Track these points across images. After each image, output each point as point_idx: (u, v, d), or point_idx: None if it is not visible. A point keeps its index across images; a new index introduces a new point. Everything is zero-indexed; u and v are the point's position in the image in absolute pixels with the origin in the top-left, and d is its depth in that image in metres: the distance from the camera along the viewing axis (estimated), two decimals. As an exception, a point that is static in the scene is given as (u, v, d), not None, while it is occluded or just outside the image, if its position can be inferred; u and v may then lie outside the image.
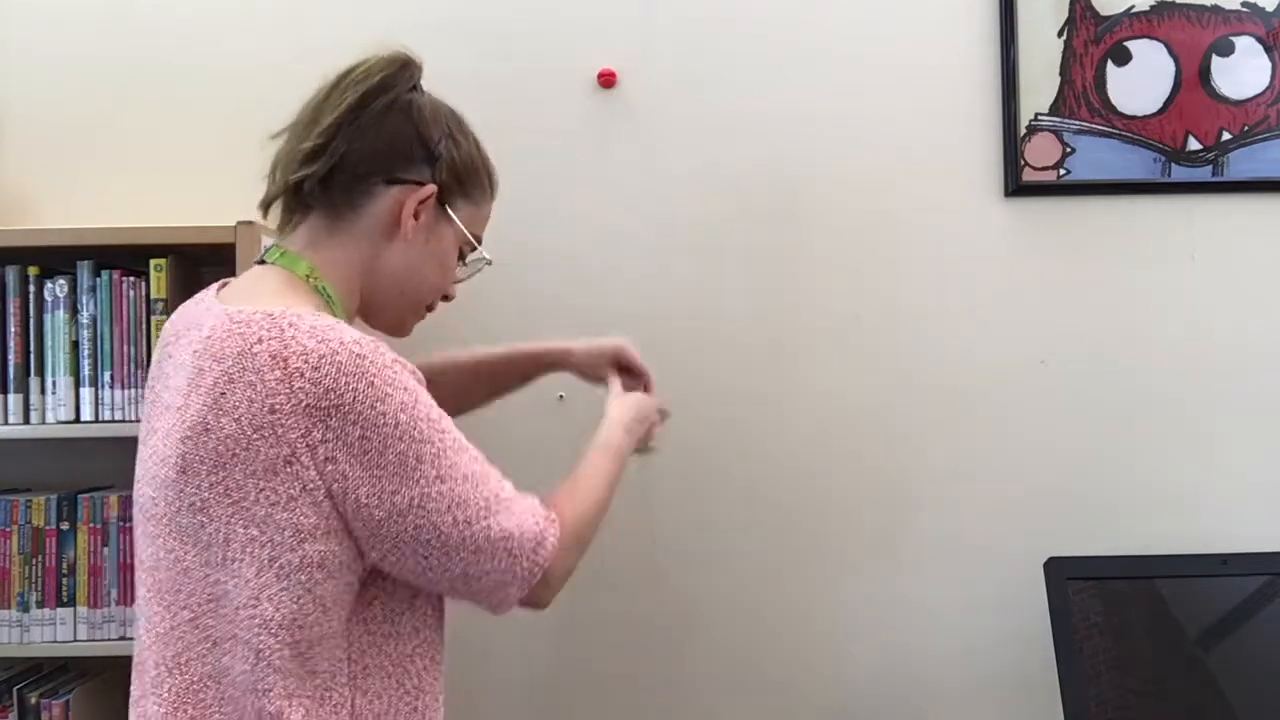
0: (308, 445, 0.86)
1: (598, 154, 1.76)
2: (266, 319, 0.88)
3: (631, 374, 1.34)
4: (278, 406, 0.85)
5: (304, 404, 0.85)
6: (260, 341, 0.87)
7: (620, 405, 1.21)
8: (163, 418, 0.93)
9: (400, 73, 1.04)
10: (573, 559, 1.02)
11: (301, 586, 0.87)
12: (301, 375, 0.86)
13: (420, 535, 0.89)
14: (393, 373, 0.89)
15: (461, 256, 1.10)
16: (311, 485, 0.86)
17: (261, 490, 0.86)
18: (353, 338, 0.89)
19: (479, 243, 1.10)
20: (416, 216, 1.02)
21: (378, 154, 1.01)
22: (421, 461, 0.89)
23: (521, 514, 0.95)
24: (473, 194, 1.08)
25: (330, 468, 0.86)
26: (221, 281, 1.06)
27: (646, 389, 1.34)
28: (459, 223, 1.06)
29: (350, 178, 1.00)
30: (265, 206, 1.05)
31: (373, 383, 0.87)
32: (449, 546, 0.90)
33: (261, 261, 1.03)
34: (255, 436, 0.86)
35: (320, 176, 1.00)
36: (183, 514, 0.89)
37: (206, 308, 0.98)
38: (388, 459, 0.87)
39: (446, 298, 1.12)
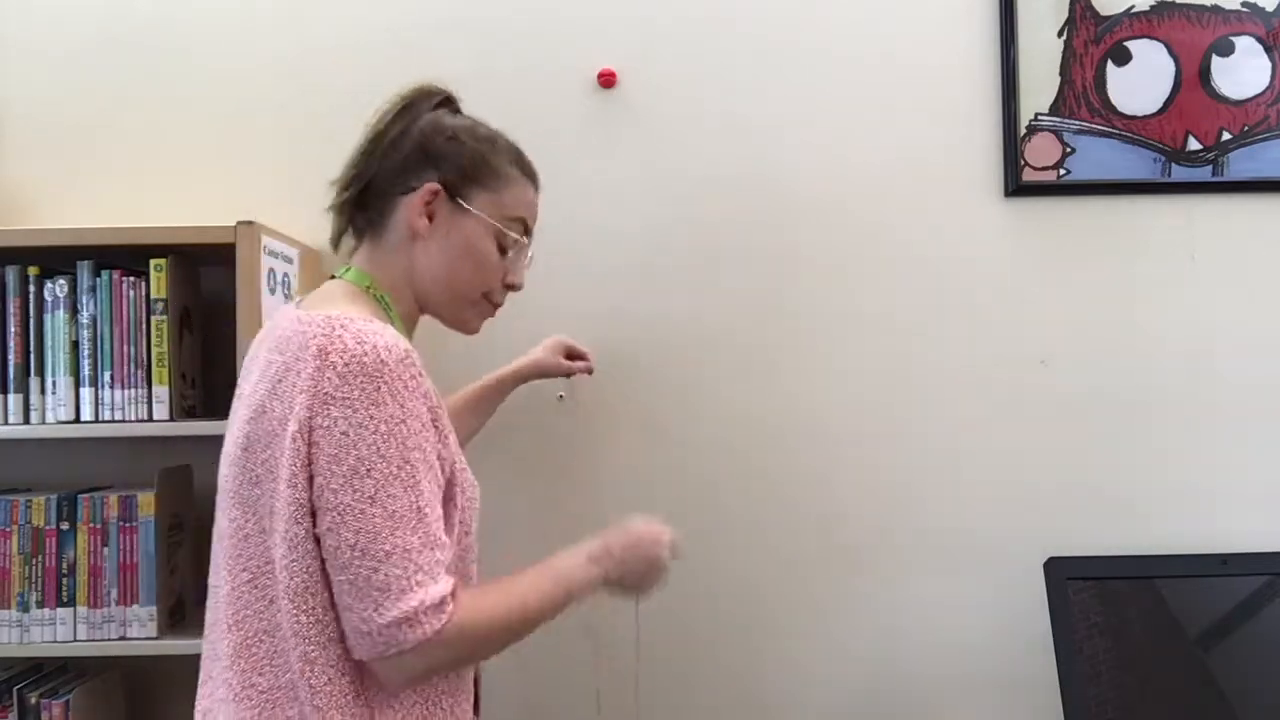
0: (310, 425, 0.95)
1: (598, 154, 1.76)
2: (325, 320, 0.99)
3: (578, 354, 1.64)
4: (304, 388, 0.95)
5: (323, 391, 0.95)
6: (315, 338, 0.97)
7: (612, 534, 1.17)
8: (241, 408, 1.05)
9: (419, 98, 1.16)
10: (445, 661, 1.00)
11: (310, 556, 0.96)
12: (333, 368, 0.95)
13: (327, 540, 0.96)
14: (404, 386, 0.97)
15: (505, 249, 1.17)
16: (304, 463, 0.96)
17: (296, 468, 0.96)
18: (388, 344, 0.97)
19: (512, 229, 1.17)
20: (430, 217, 1.12)
21: (393, 171, 1.13)
22: (369, 475, 0.95)
23: (415, 587, 0.94)
24: (488, 183, 1.15)
25: (314, 452, 0.95)
26: (303, 294, 1.21)
27: (589, 371, 1.64)
28: (478, 213, 1.14)
29: (375, 197, 1.13)
30: (335, 242, 1.18)
31: (379, 387, 0.96)
32: (340, 564, 0.95)
33: (333, 277, 1.15)
34: (289, 418, 0.96)
35: (353, 201, 1.14)
36: (244, 487, 1.00)
37: (284, 314, 1.09)
38: (348, 459, 0.95)
39: (512, 287, 1.19)
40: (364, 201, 1.14)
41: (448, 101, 1.19)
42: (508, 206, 1.16)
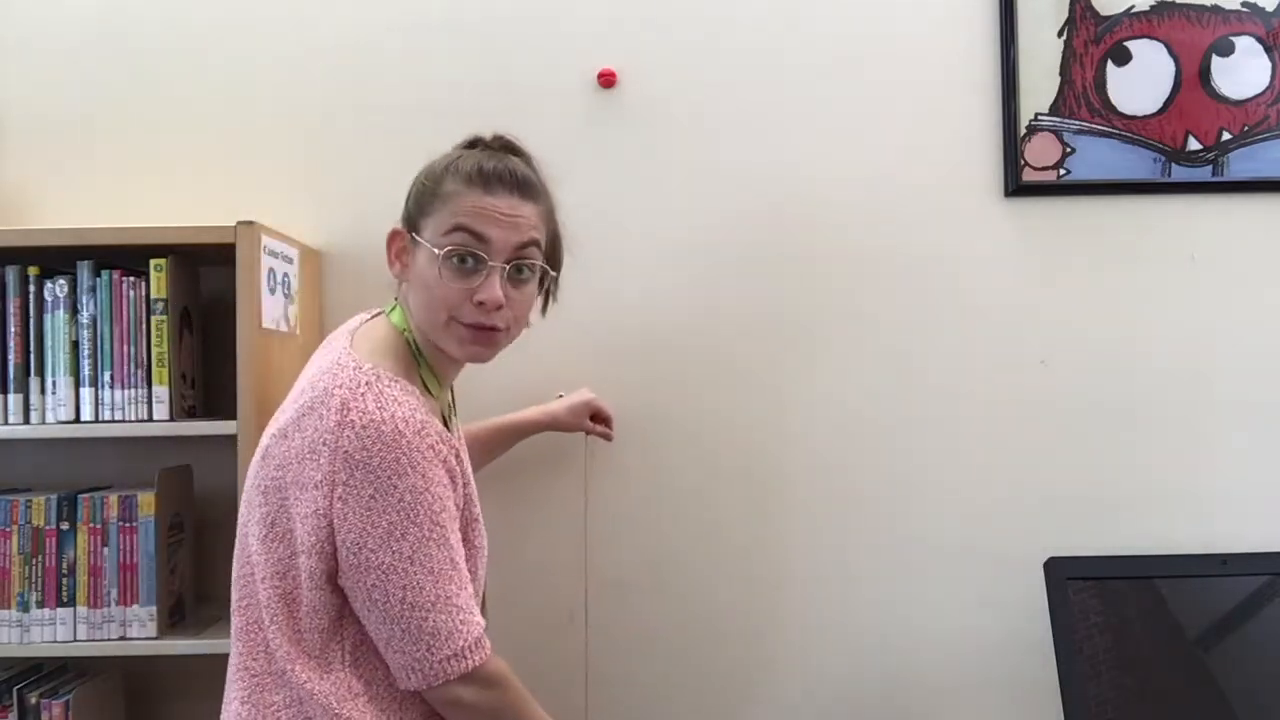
0: (331, 482, 1.04)
1: (598, 154, 1.76)
2: (356, 371, 1.08)
3: (603, 419, 1.68)
4: (327, 442, 1.04)
5: (343, 450, 1.03)
6: (341, 387, 1.06)
7: None
8: (281, 410, 1.14)
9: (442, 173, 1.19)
10: (479, 696, 1.09)
11: (319, 597, 1.07)
12: (352, 427, 1.03)
13: (372, 594, 1.05)
14: (422, 457, 1.05)
15: (464, 267, 1.15)
16: (323, 510, 1.05)
17: (296, 498, 1.06)
18: (406, 415, 1.05)
19: (450, 240, 1.14)
20: (400, 259, 1.20)
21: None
22: (405, 538, 1.04)
23: (460, 626, 1.07)
24: (431, 210, 1.16)
25: (339, 505, 1.04)
26: (375, 311, 1.25)
27: (609, 438, 1.68)
28: (423, 242, 1.16)
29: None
30: None
31: (399, 459, 1.04)
32: (389, 615, 1.05)
33: (388, 311, 1.23)
34: (306, 456, 1.05)
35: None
36: (254, 492, 1.10)
37: (337, 340, 1.18)
38: (381, 523, 1.04)
39: (481, 304, 1.14)
40: None
41: (474, 144, 1.23)
42: (444, 222, 1.14)
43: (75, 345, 1.54)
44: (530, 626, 1.73)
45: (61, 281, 1.54)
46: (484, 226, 1.13)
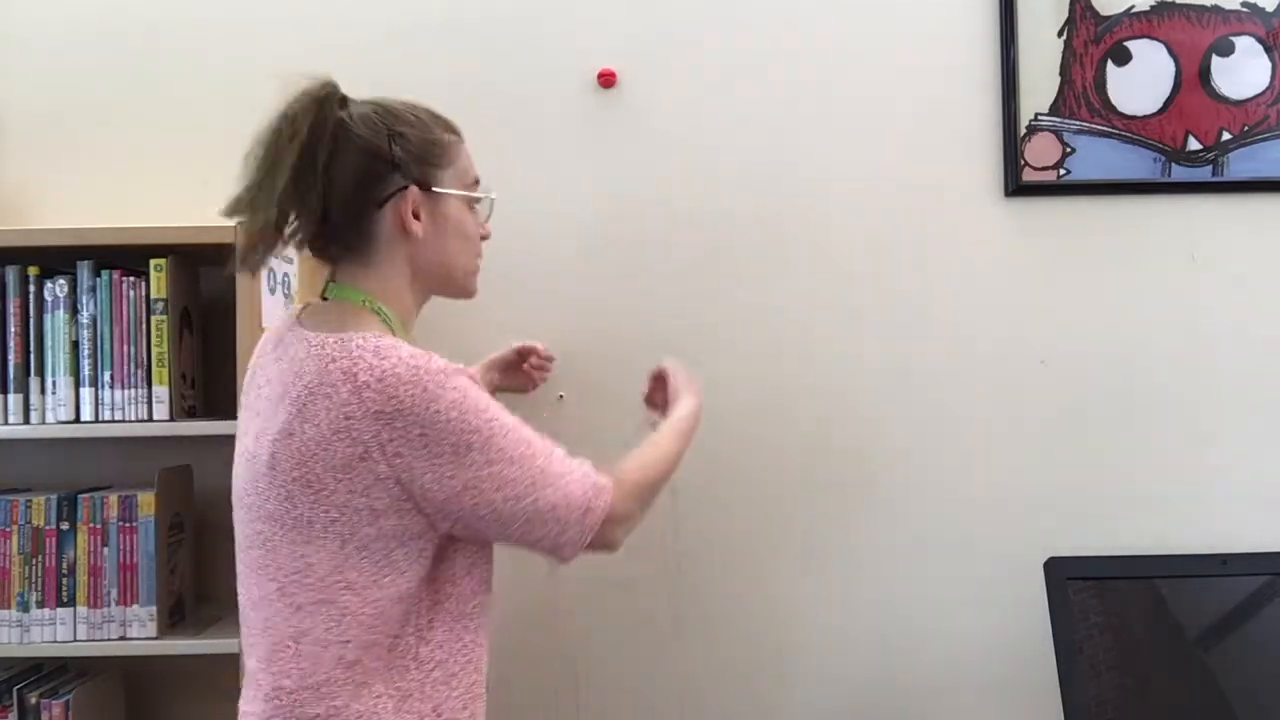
0: (379, 444, 1.02)
1: (597, 154, 1.76)
2: (338, 342, 1.05)
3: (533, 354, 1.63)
4: (351, 414, 1.02)
5: (372, 411, 1.01)
6: (334, 361, 1.03)
7: (694, 396, 1.38)
8: (253, 421, 1.11)
9: (320, 111, 1.10)
10: (634, 512, 1.18)
11: (380, 554, 1.04)
12: (369, 388, 1.02)
13: (477, 511, 1.05)
14: (444, 376, 1.04)
15: (471, 206, 1.21)
16: (383, 475, 1.02)
17: (340, 481, 1.02)
18: (409, 353, 1.04)
19: (476, 190, 1.21)
20: (416, 216, 1.14)
21: (353, 192, 1.11)
22: (471, 449, 1.04)
23: (568, 485, 1.09)
24: (443, 160, 1.17)
25: (398, 461, 1.02)
26: (303, 304, 1.20)
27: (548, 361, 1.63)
28: (450, 190, 1.17)
29: (346, 222, 1.12)
30: (257, 266, 1.13)
31: (426, 388, 1.02)
32: (503, 519, 1.07)
33: (324, 297, 1.16)
34: (334, 438, 1.02)
35: (319, 236, 1.13)
36: (271, 501, 1.05)
37: (290, 328, 1.13)
38: (444, 450, 1.03)
39: (485, 237, 1.24)
40: (327, 233, 1.13)
41: (335, 93, 1.13)
42: (463, 171, 1.19)
43: (75, 345, 1.54)
44: (526, 626, 1.72)
45: (61, 281, 1.55)
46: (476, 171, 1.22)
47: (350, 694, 1.04)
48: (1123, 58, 1.76)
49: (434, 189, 1.15)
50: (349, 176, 1.10)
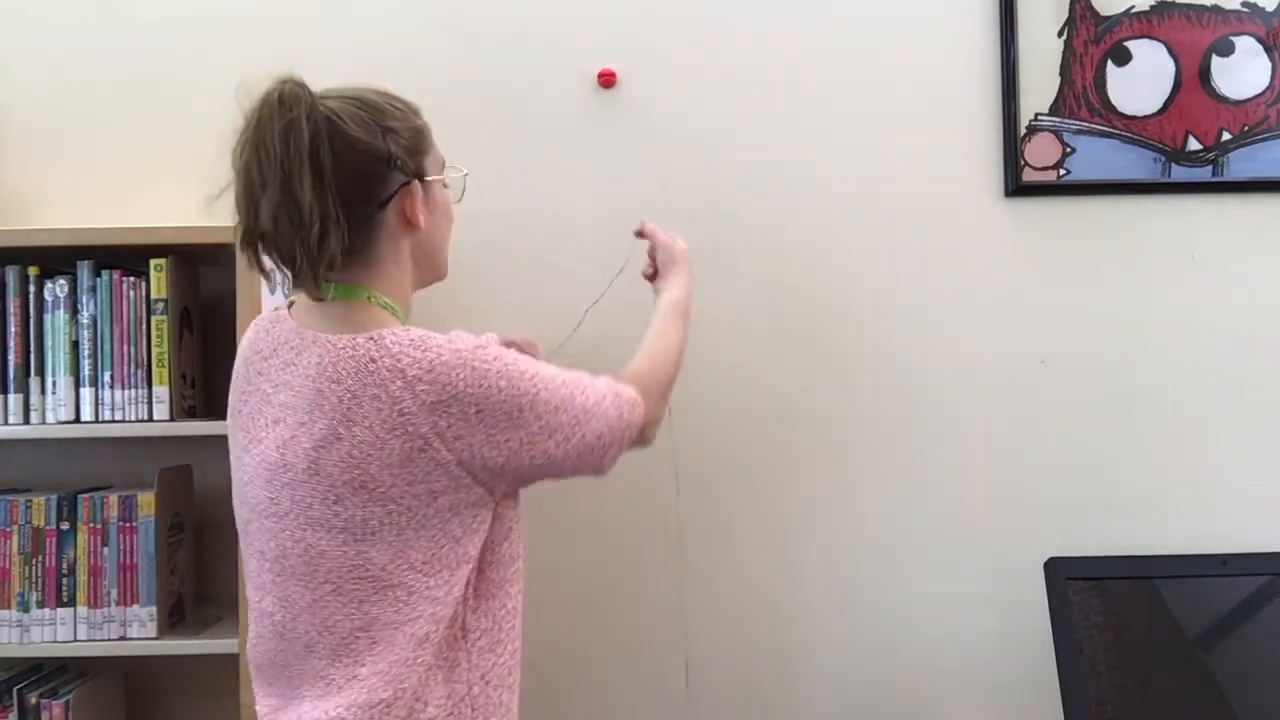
0: (437, 433, 1.03)
1: (598, 154, 1.76)
2: (369, 341, 1.04)
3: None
4: (405, 410, 1.02)
5: (429, 403, 1.02)
6: (374, 360, 1.03)
7: (677, 276, 1.43)
8: (269, 431, 1.08)
9: (311, 112, 1.06)
10: (662, 410, 1.26)
11: (438, 529, 1.06)
12: (421, 380, 1.03)
13: (534, 461, 1.09)
14: (483, 350, 1.06)
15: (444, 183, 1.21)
16: (444, 460, 1.04)
17: (397, 476, 1.03)
18: (444, 339, 1.06)
19: (451, 171, 1.21)
20: (422, 209, 1.14)
21: (352, 199, 1.07)
22: (523, 410, 1.07)
23: (607, 411, 1.13)
24: (426, 146, 1.17)
25: (458, 443, 1.04)
26: (286, 304, 1.17)
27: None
28: (437, 178, 1.18)
29: (349, 229, 1.07)
30: (316, 289, 1.09)
31: (474, 367, 1.04)
32: (556, 461, 1.10)
33: (320, 297, 1.09)
34: (388, 437, 1.02)
35: (321, 250, 1.05)
36: (315, 508, 1.04)
37: (294, 333, 1.11)
38: (499, 418, 1.05)
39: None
40: (328, 242, 1.07)
41: (310, 94, 1.09)
42: (438, 156, 1.19)
43: (75, 345, 1.54)
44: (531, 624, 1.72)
45: (61, 281, 1.55)
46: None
47: (421, 670, 1.06)
48: (1123, 58, 1.76)
49: (426, 178, 1.15)
50: (351, 182, 1.07)
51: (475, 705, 1.09)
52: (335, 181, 1.05)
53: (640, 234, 1.49)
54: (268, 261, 1.09)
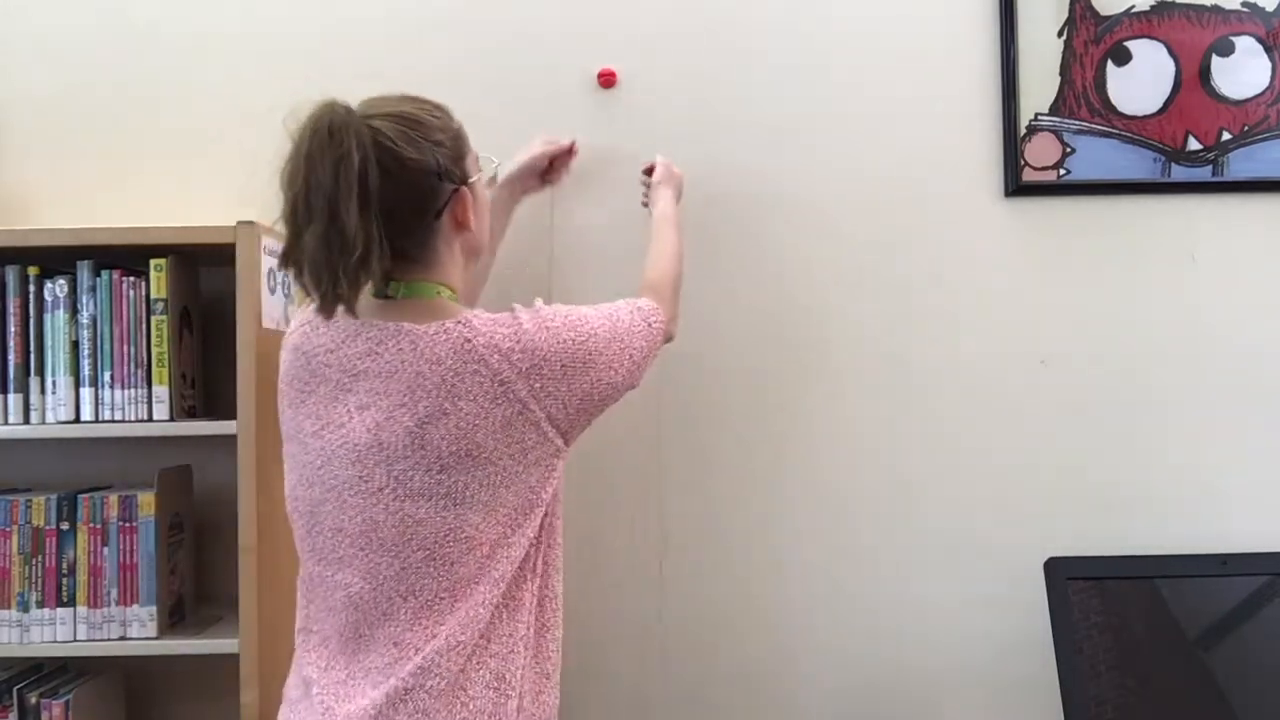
0: (532, 395, 1.15)
1: (598, 154, 1.76)
2: (459, 325, 1.15)
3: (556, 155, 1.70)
4: (505, 379, 1.14)
5: (523, 369, 1.15)
6: (468, 340, 1.14)
7: (666, 191, 1.59)
8: (357, 415, 1.15)
9: (359, 139, 1.11)
10: (676, 308, 1.44)
11: (523, 484, 1.17)
12: (514, 351, 1.15)
13: (602, 394, 1.23)
14: (549, 317, 1.19)
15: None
16: (537, 419, 1.16)
17: (499, 440, 1.14)
18: (519, 313, 1.19)
19: (484, 163, 1.30)
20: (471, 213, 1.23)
21: (406, 215, 1.16)
22: (590, 354, 1.20)
23: (637, 325, 1.29)
24: (465, 150, 1.24)
25: (549, 400, 1.17)
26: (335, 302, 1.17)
27: (571, 152, 1.70)
28: (476, 177, 1.26)
29: (406, 241, 1.17)
30: (351, 308, 1.14)
31: (548, 329, 1.18)
32: (616, 386, 1.25)
33: (386, 295, 1.18)
34: (492, 406, 1.13)
35: (360, 274, 1.11)
36: (416, 479, 1.13)
37: (367, 325, 1.17)
38: (576, 367, 1.19)
39: None
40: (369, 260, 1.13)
41: (358, 118, 1.15)
42: (473, 154, 1.26)
43: (75, 345, 1.54)
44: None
45: (61, 281, 1.54)
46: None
47: (490, 609, 1.15)
48: (1123, 58, 1.76)
49: (470, 179, 1.23)
50: (403, 201, 1.14)
51: (530, 644, 1.19)
52: (383, 204, 1.10)
53: (648, 171, 1.67)
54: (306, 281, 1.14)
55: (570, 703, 1.72)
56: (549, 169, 1.68)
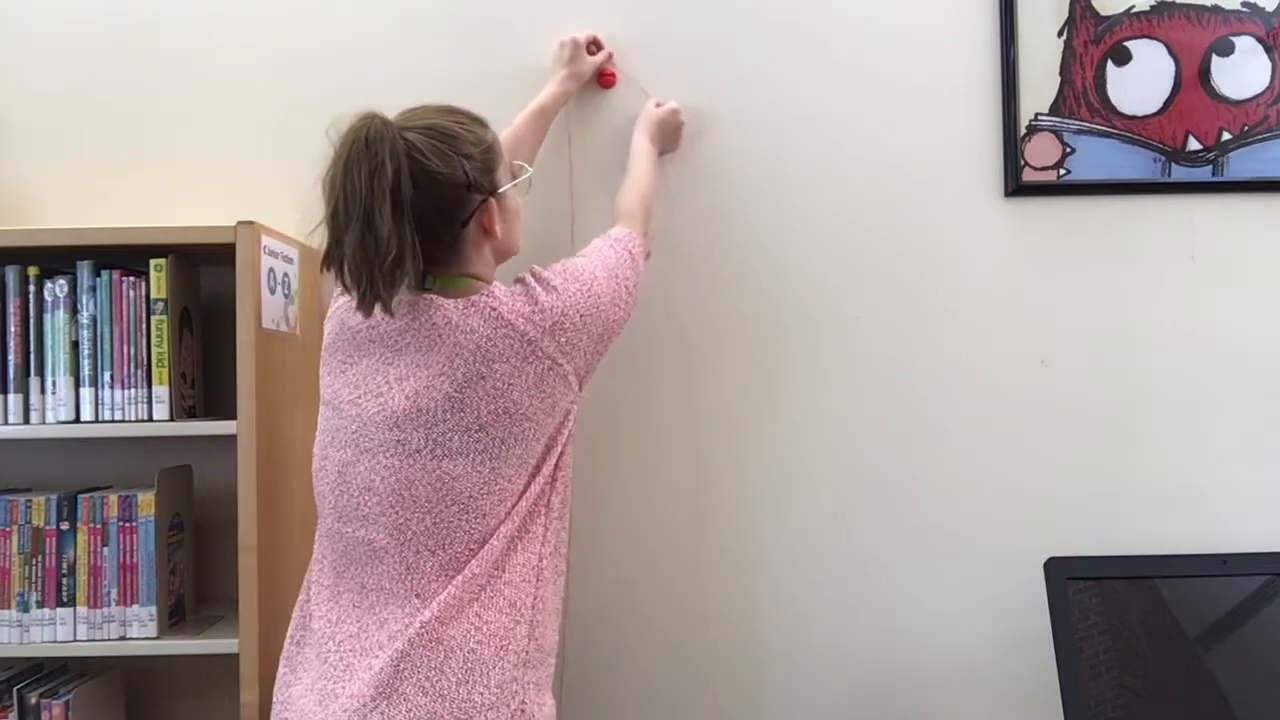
0: (559, 349, 1.25)
1: (598, 154, 1.76)
2: (485, 297, 1.24)
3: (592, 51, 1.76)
4: (533, 338, 1.23)
5: (548, 326, 1.24)
6: (494, 309, 1.23)
7: (645, 124, 1.68)
8: (397, 386, 1.23)
9: (393, 150, 1.18)
10: (648, 224, 1.55)
11: (550, 432, 1.28)
12: (538, 312, 1.24)
13: (611, 332, 1.34)
14: (550, 276, 1.29)
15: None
16: (564, 372, 1.26)
17: (532, 396, 1.24)
18: (528, 281, 1.28)
19: (520, 174, 1.35)
20: (498, 220, 1.29)
21: (438, 223, 1.23)
22: (598, 299, 1.31)
23: (621, 256, 1.39)
24: (497, 161, 1.30)
25: (574, 351, 1.27)
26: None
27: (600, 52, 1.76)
28: (508, 187, 1.32)
29: (436, 246, 1.24)
30: (387, 307, 1.22)
31: (558, 290, 1.27)
32: (620, 320, 1.35)
33: (425, 289, 1.26)
34: (524, 365, 1.23)
35: (395, 275, 1.20)
36: (454, 439, 1.21)
37: (402, 304, 1.24)
38: (590, 317, 1.29)
39: None
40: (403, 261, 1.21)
41: (394, 129, 1.21)
42: (507, 160, 1.33)
43: (75, 345, 1.54)
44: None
45: (61, 281, 1.54)
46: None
47: (504, 540, 1.24)
48: (1123, 58, 1.76)
49: (500, 190, 1.29)
50: (432, 210, 1.22)
51: (541, 575, 1.26)
52: (415, 211, 1.19)
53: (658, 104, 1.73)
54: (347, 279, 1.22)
55: (569, 704, 1.73)
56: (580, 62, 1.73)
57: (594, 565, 1.75)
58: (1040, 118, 1.75)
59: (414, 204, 1.18)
